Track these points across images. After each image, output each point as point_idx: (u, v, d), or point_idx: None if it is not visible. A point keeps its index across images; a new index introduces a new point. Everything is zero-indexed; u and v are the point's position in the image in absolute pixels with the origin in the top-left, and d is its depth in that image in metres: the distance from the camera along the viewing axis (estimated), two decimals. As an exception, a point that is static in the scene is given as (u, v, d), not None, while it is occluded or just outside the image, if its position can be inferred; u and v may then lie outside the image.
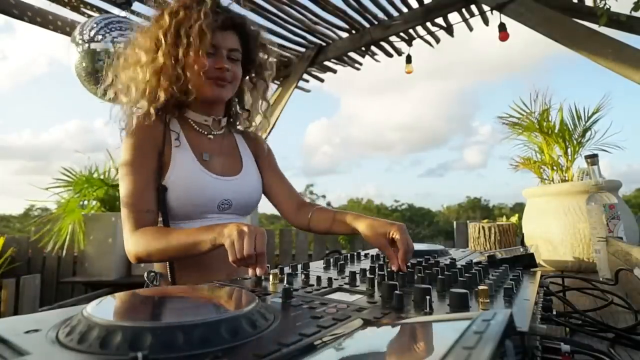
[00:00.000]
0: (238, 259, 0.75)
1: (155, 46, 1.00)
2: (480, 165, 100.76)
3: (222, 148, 1.11)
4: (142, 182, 0.97)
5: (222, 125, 1.12)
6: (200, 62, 0.99)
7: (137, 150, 0.99)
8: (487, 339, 0.23)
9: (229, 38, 1.04)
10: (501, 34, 2.81)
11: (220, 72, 1.01)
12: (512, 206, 23.50)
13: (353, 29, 3.33)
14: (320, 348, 0.35)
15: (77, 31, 2.32)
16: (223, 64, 1.01)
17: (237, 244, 0.75)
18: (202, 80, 1.01)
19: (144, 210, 0.95)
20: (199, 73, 1.00)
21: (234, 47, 1.05)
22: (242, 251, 0.74)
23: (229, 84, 1.05)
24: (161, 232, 0.91)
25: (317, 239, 3.99)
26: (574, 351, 0.49)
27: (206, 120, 1.09)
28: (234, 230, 0.77)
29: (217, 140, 1.11)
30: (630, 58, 2.08)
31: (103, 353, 0.32)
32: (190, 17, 0.98)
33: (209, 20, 0.97)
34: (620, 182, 1.38)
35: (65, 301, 3.29)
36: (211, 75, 1.01)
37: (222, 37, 1.02)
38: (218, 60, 1.01)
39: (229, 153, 1.13)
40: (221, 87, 1.03)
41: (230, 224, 0.81)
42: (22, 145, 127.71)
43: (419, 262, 0.86)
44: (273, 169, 1.21)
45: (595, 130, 1.60)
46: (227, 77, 1.03)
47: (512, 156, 1.79)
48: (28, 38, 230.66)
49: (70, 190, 3.56)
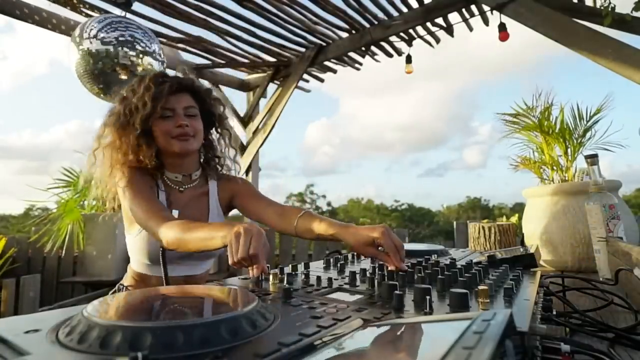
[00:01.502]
0: (234, 262, 0.76)
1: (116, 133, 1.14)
2: (480, 165, 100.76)
3: (192, 201, 1.22)
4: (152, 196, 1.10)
5: (193, 178, 1.25)
6: (161, 127, 1.14)
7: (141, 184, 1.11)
8: (487, 339, 0.23)
9: (182, 98, 1.17)
10: (501, 34, 2.81)
11: (181, 129, 1.13)
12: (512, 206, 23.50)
13: (353, 29, 3.33)
14: (320, 348, 0.35)
15: (78, 31, 2.32)
16: (181, 121, 1.14)
17: (234, 247, 0.77)
18: (168, 140, 1.14)
19: (163, 211, 1.05)
20: (164, 135, 1.14)
21: (188, 105, 1.18)
22: (237, 254, 0.75)
23: (192, 137, 1.16)
24: (186, 225, 0.96)
25: (317, 239, 3.99)
26: (574, 351, 0.49)
27: (176, 177, 1.21)
28: (232, 233, 0.79)
29: (187, 193, 1.22)
30: (630, 58, 2.08)
31: (103, 353, 0.32)
32: (141, 96, 1.13)
33: (152, 92, 1.12)
34: (620, 182, 1.38)
35: (65, 301, 3.29)
36: (174, 133, 1.14)
37: (175, 100, 1.15)
38: (176, 119, 1.14)
39: (197, 206, 1.23)
40: (185, 141, 1.15)
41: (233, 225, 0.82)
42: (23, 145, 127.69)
43: (419, 262, 0.86)
44: (252, 196, 1.28)
45: (595, 129, 1.60)
46: (188, 132, 1.14)
47: (511, 156, 1.79)
48: (28, 38, 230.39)
49: (70, 190, 3.56)
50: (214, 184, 1.30)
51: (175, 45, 3.44)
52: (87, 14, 2.78)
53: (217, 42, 3.42)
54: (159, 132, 1.14)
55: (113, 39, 2.27)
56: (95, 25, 2.29)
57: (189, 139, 1.15)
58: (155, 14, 2.87)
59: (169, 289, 0.56)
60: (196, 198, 1.24)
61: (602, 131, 1.60)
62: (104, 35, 2.26)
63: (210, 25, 3.06)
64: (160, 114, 1.12)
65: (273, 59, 3.80)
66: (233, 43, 3.42)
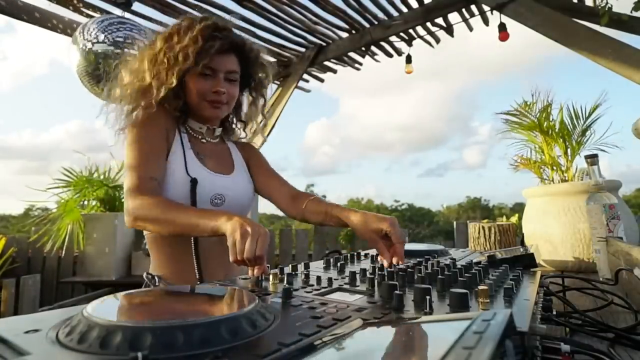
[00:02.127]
0: (238, 260, 0.75)
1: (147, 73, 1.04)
2: (479, 165, 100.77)
3: (215, 151, 1.15)
4: (148, 150, 0.98)
5: (215, 134, 1.17)
6: (198, 85, 1.04)
7: (145, 128, 1.01)
8: (487, 339, 0.23)
9: (228, 60, 1.08)
10: (501, 34, 2.81)
11: (217, 95, 1.06)
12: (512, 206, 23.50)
13: (353, 29, 3.33)
14: (320, 348, 0.35)
15: (78, 32, 2.32)
16: (219, 87, 1.05)
17: (239, 245, 0.75)
18: (200, 101, 1.06)
19: (147, 177, 0.95)
20: (196, 95, 1.05)
21: (232, 69, 1.09)
22: (242, 253, 0.74)
23: (225, 105, 1.09)
24: (167, 203, 0.91)
25: (317, 239, 3.99)
26: (574, 351, 0.49)
27: (200, 128, 1.13)
28: (238, 229, 0.77)
29: (209, 144, 1.15)
30: (630, 58, 2.08)
31: (103, 353, 0.32)
32: (185, 47, 1.01)
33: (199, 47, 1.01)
34: (620, 182, 1.38)
35: (65, 301, 3.29)
36: (208, 97, 1.06)
37: (220, 60, 1.05)
38: (215, 83, 1.05)
39: (221, 155, 1.17)
40: (217, 108, 1.08)
41: (235, 218, 0.80)
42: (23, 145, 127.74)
43: (419, 262, 0.86)
44: (266, 169, 1.24)
45: (594, 130, 1.60)
46: (223, 99, 1.07)
47: (511, 155, 1.79)
48: (29, 39, 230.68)
49: (70, 190, 3.56)
50: (232, 144, 1.24)
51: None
52: (87, 14, 2.78)
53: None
54: (193, 89, 1.05)
55: (113, 39, 2.27)
56: (96, 25, 2.29)
57: (222, 106, 1.08)
58: (155, 14, 2.87)
59: (169, 289, 0.56)
60: (219, 152, 1.17)
61: (601, 132, 1.60)
62: (104, 36, 2.26)
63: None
64: (200, 71, 1.03)
65: (273, 59, 3.80)
66: (233, 43, 3.42)
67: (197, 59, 1.00)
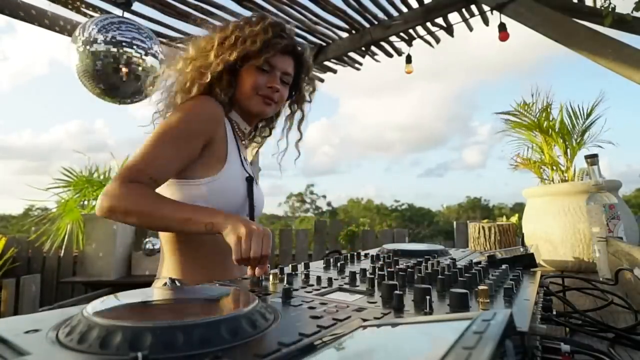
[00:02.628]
0: (242, 259, 0.75)
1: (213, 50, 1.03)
2: (479, 166, 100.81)
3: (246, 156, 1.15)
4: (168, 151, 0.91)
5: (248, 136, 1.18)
6: (255, 77, 1.04)
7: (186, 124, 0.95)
8: (487, 339, 0.23)
9: (287, 62, 1.10)
10: (501, 34, 2.81)
11: (271, 91, 1.06)
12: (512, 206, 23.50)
13: (353, 29, 3.33)
14: (320, 348, 0.35)
15: (78, 32, 2.32)
16: (275, 83, 1.06)
17: (244, 245, 0.75)
18: (252, 94, 1.06)
19: (147, 174, 0.88)
20: (251, 87, 1.05)
21: (288, 72, 1.10)
22: (248, 252, 0.74)
23: (275, 103, 1.10)
24: (155, 195, 0.87)
25: (317, 239, 3.99)
26: (574, 351, 0.49)
27: (245, 128, 1.13)
28: (242, 229, 0.76)
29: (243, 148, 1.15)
30: (630, 58, 2.08)
31: (103, 353, 0.32)
32: (255, 34, 1.02)
33: (271, 37, 1.03)
34: (620, 182, 1.38)
35: (65, 301, 3.30)
36: (262, 92, 1.06)
37: (280, 60, 1.07)
38: (271, 79, 1.06)
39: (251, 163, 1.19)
40: (267, 105, 1.08)
41: (234, 217, 0.79)
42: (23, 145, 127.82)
43: (419, 262, 0.85)
44: None
45: (592, 130, 1.60)
46: (275, 97, 1.08)
47: (511, 155, 1.79)
48: (29, 39, 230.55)
49: (70, 190, 3.56)
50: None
51: (175, 45, 3.44)
52: (87, 14, 2.78)
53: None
54: (248, 80, 1.05)
55: (113, 39, 2.27)
56: (96, 25, 2.29)
57: (272, 104, 1.08)
58: (155, 14, 2.87)
59: (169, 289, 0.56)
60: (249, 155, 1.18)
61: (600, 131, 1.60)
62: (104, 36, 2.27)
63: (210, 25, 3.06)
64: (260, 64, 1.03)
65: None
66: (233, 43, 3.41)
67: (261, 49, 1.01)
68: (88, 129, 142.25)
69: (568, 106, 1.64)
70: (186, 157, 0.95)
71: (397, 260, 0.89)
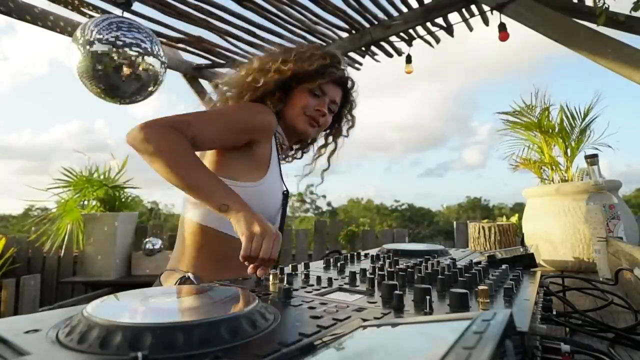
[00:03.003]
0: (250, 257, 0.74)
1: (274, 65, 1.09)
2: (479, 166, 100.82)
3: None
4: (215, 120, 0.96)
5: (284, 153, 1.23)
6: (306, 98, 1.11)
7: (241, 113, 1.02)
8: (487, 339, 0.23)
9: (337, 92, 1.17)
10: (501, 34, 2.81)
11: (318, 113, 1.12)
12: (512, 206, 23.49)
13: (353, 29, 3.33)
14: (320, 348, 0.35)
15: (79, 32, 2.32)
16: (323, 107, 1.13)
17: (256, 243, 0.75)
18: (300, 113, 1.11)
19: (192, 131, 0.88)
20: (301, 106, 1.11)
21: (336, 101, 1.17)
22: (257, 251, 0.74)
23: (318, 127, 1.15)
24: (191, 151, 0.87)
25: (317, 239, 3.99)
26: (574, 351, 0.49)
27: (285, 144, 1.17)
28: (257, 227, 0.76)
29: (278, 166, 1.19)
30: (630, 58, 2.08)
31: (103, 353, 0.32)
32: (315, 59, 1.10)
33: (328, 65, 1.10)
34: (620, 182, 1.38)
35: (65, 301, 3.30)
36: (309, 112, 1.12)
37: (332, 89, 1.15)
38: (321, 103, 1.13)
39: None
40: (312, 126, 1.14)
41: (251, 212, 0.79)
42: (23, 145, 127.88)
43: (419, 262, 0.85)
44: None
45: (592, 129, 1.60)
46: (320, 120, 1.14)
47: (510, 154, 1.79)
48: (29, 39, 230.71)
49: (70, 190, 3.56)
50: None
51: (175, 45, 3.44)
52: (87, 14, 2.78)
53: (217, 42, 3.42)
54: (299, 99, 1.11)
55: (113, 39, 2.27)
56: (96, 25, 2.29)
57: (316, 127, 1.14)
58: (155, 14, 2.87)
59: (169, 289, 0.56)
60: None
61: (599, 131, 1.60)
62: (104, 36, 2.26)
63: (210, 25, 3.06)
64: (312, 88, 1.10)
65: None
66: (233, 43, 3.42)
67: (317, 73, 1.09)
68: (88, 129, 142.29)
69: (566, 106, 1.64)
70: (228, 140, 0.99)
71: (397, 260, 0.89)
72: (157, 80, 2.54)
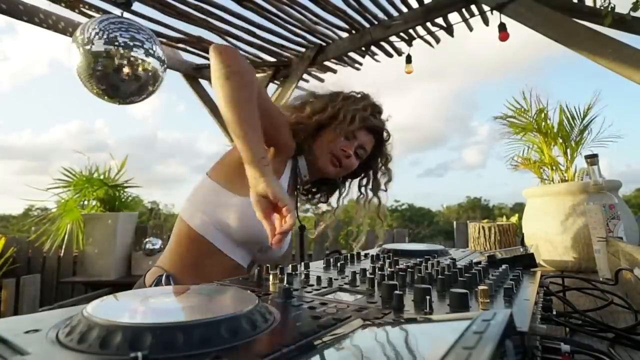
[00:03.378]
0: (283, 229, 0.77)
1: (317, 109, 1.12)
2: (479, 166, 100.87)
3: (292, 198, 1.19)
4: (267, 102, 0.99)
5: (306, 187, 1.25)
6: (334, 138, 1.11)
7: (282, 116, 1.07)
8: (487, 339, 0.23)
9: (368, 139, 1.17)
10: (501, 34, 2.81)
11: (343, 154, 1.12)
12: (512, 206, 23.50)
13: (353, 29, 3.33)
14: (320, 348, 0.35)
15: (79, 32, 2.32)
16: (350, 149, 1.13)
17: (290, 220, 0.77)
18: (326, 152, 1.12)
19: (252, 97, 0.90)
20: (327, 145, 1.11)
21: (366, 147, 1.17)
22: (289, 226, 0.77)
23: (341, 169, 1.14)
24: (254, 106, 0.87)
25: (317, 239, 3.99)
26: (574, 351, 0.49)
27: (305, 176, 1.16)
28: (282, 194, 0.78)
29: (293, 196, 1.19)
30: (630, 58, 2.08)
31: (103, 353, 0.32)
32: (354, 105, 1.12)
33: (366, 115, 1.12)
34: (620, 182, 1.38)
35: (65, 301, 3.30)
36: (334, 151, 1.12)
37: (364, 134, 1.16)
38: (348, 145, 1.13)
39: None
40: (334, 166, 1.13)
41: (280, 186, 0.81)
42: (23, 145, 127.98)
43: (419, 262, 0.85)
44: None
45: (591, 129, 1.60)
46: (344, 161, 1.13)
47: (510, 156, 1.79)
48: (29, 39, 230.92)
49: (70, 190, 3.56)
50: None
51: (175, 45, 3.44)
52: (87, 14, 2.78)
53: (217, 42, 3.42)
54: (327, 138, 1.12)
55: (113, 39, 2.27)
56: (96, 25, 2.29)
57: (337, 167, 1.14)
58: (155, 14, 2.87)
59: (169, 289, 0.56)
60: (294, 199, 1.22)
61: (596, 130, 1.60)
62: (104, 36, 2.26)
63: (210, 25, 3.06)
64: (344, 132, 1.11)
65: (273, 59, 3.80)
66: (233, 43, 3.42)
67: (352, 121, 1.09)
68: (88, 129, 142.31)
69: (565, 107, 1.64)
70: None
71: (397, 260, 0.89)
72: (157, 81, 2.54)
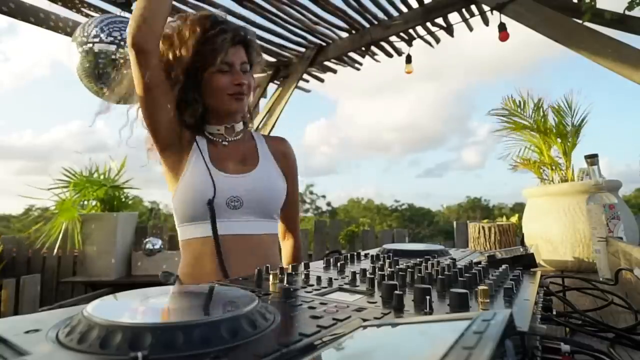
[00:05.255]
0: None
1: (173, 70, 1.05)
2: (478, 166, 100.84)
3: (237, 151, 1.14)
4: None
5: (236, 130, 1.15)
6: (218, 82, 1.05)
7: None
8: (487, 339, 0.23)
9: (239, 52, 1.09)
10: (501, 34, 2.81)
11: (239, 87, 1.07)
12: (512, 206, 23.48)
13: (353, 29, 3.33)
14: (320, 348, 0.35)
15: (79, 31, 2.32)
16: (241, 79, 1.07)
17: None
18: (223, 97, 1.07)
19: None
20: (219, 91, 1.06)
21: (244, 60, 1.10)
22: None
23: (246, 95, 1.10)
24: None
25: (317, 239, 3.99)
26: (574, 351, 0.49)
27: (219, 130, 1.12)
28: None
29: (232, 145, 1.14)
30: (630, 58, 2.08)
31: (103, 353, 0.32)
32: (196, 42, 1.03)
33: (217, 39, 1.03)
34: (620, 182, 1.38)
35: (65, 301, 3.30)
36: (229, 91, 1.06)
37: (233, 53, 1.07)
38: (235, 76, 1.07)
39: (244, 154, 1.15)
40: (240, 100, 1.08)
41: None
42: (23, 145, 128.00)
43: (419, 262, 0.85)
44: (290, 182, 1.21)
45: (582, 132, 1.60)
46: (244, 90, 1.08)
47: (510, 155, 1.79)
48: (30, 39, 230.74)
49: (70, 190, 3.56)
50: (260, 138, 1.22)
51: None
52: (87, 14, 2.78)
53: None
54: (213, 86, 1.05)
55: (113, 39, 2.27)
56: (96, 25, 2.29)
57: (244, 97, 1.09)
58: (155, 14, 2.87)
59: (169, 288, 0.56)
60: (243, 149, 1.15)
61: (595, 131, 1.60)
62: (104, 35, 2.26)
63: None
64: (218, 68, 1.04)
65: (273, 59, 3.80)
66: (233, 43, 3.41)
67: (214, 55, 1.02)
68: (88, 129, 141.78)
69: (561, 103, 1.64)
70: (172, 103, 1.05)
71: (397, 260, 0.89)
72: (157, 80, 2.53)
